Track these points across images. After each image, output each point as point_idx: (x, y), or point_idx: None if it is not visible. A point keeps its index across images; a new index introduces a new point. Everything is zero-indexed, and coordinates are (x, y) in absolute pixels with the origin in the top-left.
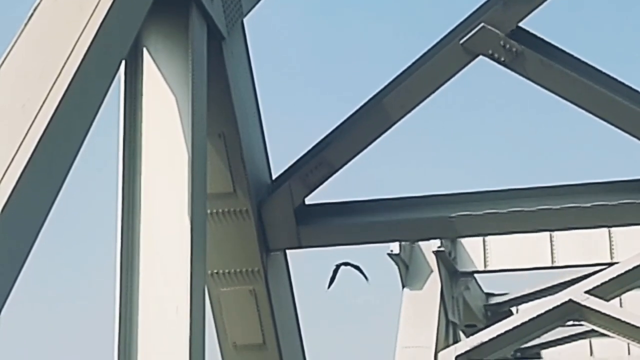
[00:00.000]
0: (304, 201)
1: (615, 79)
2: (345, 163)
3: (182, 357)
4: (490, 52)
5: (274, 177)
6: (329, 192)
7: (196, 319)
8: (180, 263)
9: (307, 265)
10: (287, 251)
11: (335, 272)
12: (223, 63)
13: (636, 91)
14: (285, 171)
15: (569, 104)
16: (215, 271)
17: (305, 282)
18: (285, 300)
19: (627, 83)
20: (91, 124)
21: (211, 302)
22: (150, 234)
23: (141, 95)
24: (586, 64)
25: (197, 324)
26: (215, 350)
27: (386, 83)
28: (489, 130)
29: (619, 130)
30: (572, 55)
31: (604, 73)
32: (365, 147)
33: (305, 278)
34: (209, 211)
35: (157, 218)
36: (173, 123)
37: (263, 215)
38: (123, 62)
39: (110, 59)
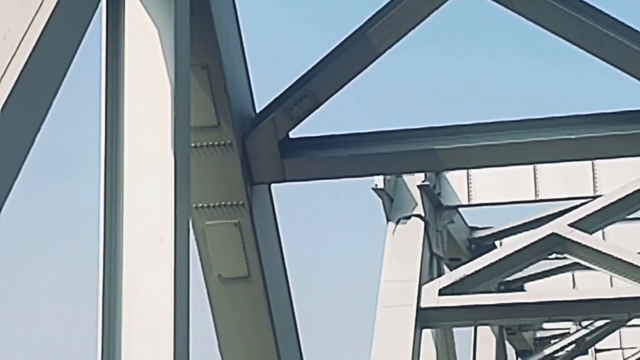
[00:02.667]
0: (288, 134)
1: (600, 10)
2: (331, 95)
3: (167, 288)
4: None
5: (258, 110)
6: (314, 125)
7: (181, 251)
8: (164, 196)
9: None
10: (272, 185)
11: None
12: None
13: (621, 23)
14: (270, 104)
15: (554, 36)
16: (200, 205)
17: None
18: (270, 233)
19: (611, 14)
20: (73, 57)
21: (196, 236)
22: (134, 167)
23: (123, 27)
24: None
25: (181, 256)
26: (200, 282)
27: (372, 14)
28: (474, 63)
29: (605, 63)
30: None
31: (589, 4)
32: (351, 79)
33: None
34: (192, 144)
35: (140, 151)
36: (155, 55)
37: (247, 148)
38: None
39: None
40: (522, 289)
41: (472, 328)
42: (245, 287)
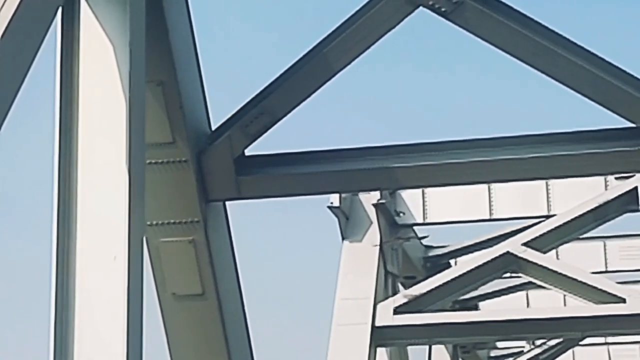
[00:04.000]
0: (243, 152)
1: (554, 32)
2: (287, 113)
3: (120, 305)
4: (430, 2)
5: (214, 127)
6: (271, 143)
7: (134, 268)
8: (118, 213)
9: None
10: (227, 203)
11: None
12: (162, 9)
13: (574, 44)
14: (226, 121)
15: (508, 56)
16: (155, 222)
17: None
18: (224, 251)
19: (565, 35)
20: (27, 72)
21: (150, 253)
22: (87, 183)
23: (78, 42)
24: (526, 16)
25: (135, 273)
26: (153, 299)
27: (328, 33)
28: (429, 82)
29: (558, 83)
30: (511, 7)
31: (544, 26)
32: (307, 97)
33: None
34: (147, 161)
35: (94, 168)
36: (110, 71)
37: (203, 165)
38: (60, 9)
39: (46, 5)
40: (476, 308)
41: (427, 346)
42: (199, 305)
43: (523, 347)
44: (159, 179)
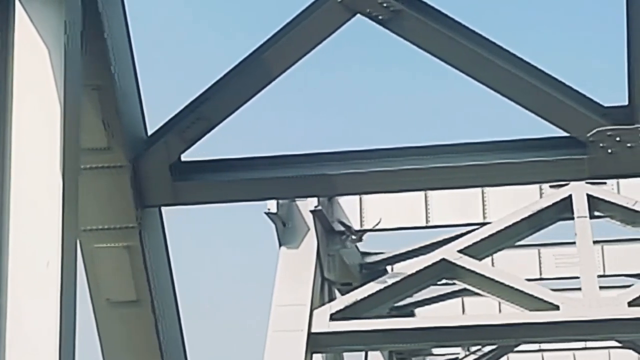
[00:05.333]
0: (180, 157)
1: (491, 41)
2: (224, 119)
3: (53, 311)
4: (368, 10)
5: (150, 132)
6: (208, 149)
7: (67, 274)
8: (51, 218)
9: None
10: (163, 209)
11: None
12: (98, 13)
13: (511, 53)
14: (162, 126)
15: (445, 64)
16: (89, 227)
17: None
18: (160, 257)
19: (501, 45)
20: None
21: (84, 259)
22: (20, 188)
23: (12, 43)
24: (463, 25)
25: (68, 278)
26: (87, 305)
27: (265, 39)
28: (368, 89)
29: (494, 92)
30: (448, 17)
31: (481, 35)
32: (244, 103)
33: None
34: (83, 166)
35: (27, 173)
36: (45, 75)
37: (138, 171)
38: None
39: None
40: (412, 314)
41: (363, 353)
42: (133, 311)
43: (458, 353)
44: (94, 184)
